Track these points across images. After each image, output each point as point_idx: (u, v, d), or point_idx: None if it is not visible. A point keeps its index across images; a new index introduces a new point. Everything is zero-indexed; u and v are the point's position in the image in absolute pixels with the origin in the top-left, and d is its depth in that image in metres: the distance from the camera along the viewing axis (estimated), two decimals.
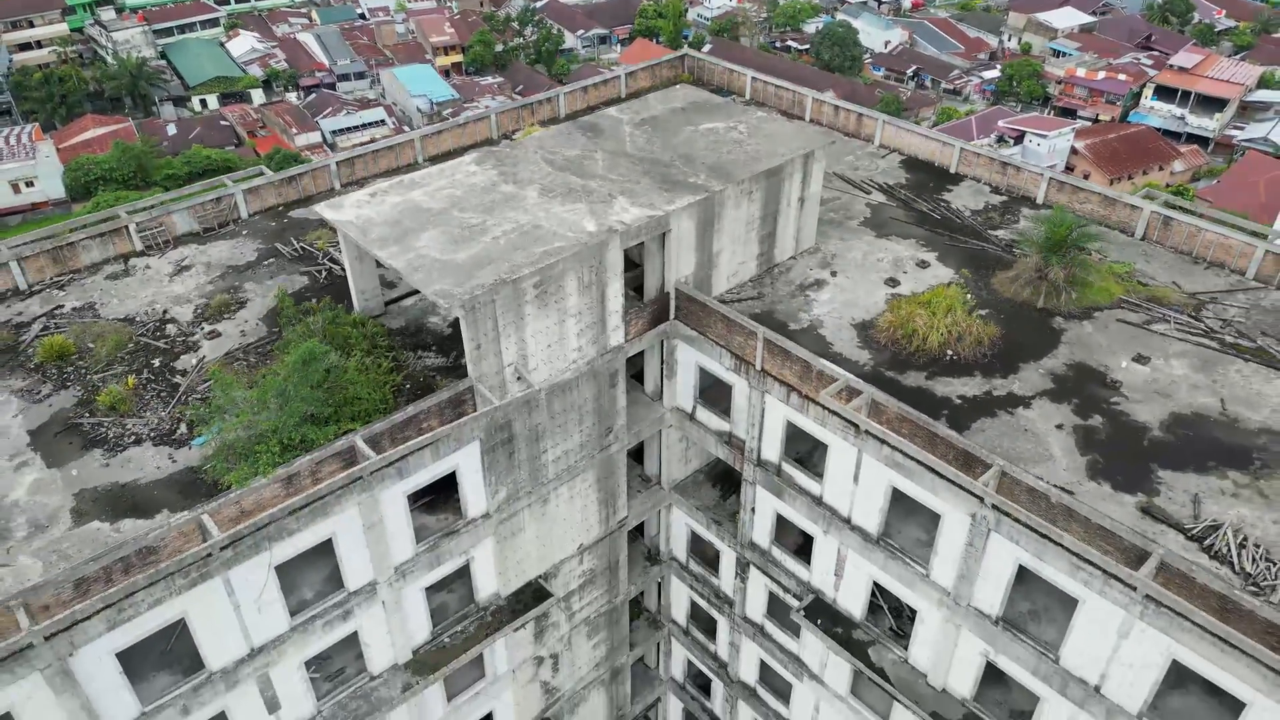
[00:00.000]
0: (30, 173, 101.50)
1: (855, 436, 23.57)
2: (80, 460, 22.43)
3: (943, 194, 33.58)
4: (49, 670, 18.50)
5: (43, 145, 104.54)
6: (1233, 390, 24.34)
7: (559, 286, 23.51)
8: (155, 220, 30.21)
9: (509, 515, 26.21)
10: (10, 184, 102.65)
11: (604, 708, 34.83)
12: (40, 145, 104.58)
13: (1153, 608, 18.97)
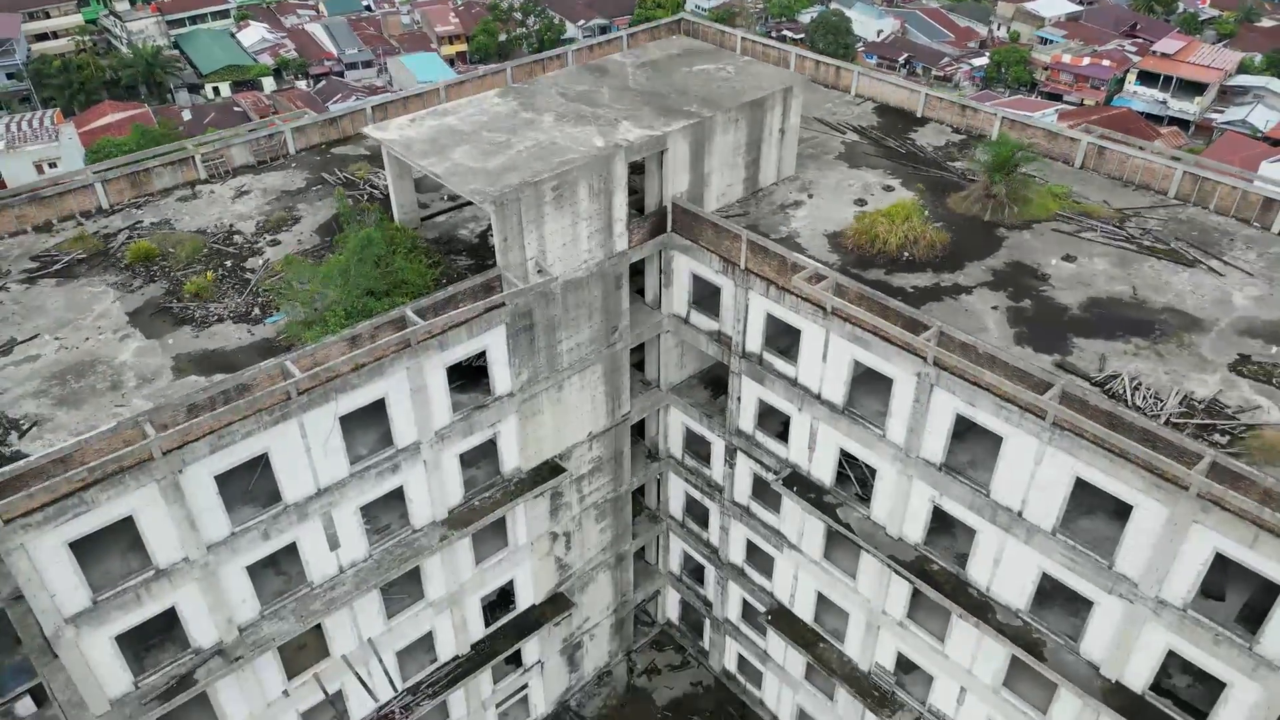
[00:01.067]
0: (54, 154, 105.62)
1: (823, 319, 27.94)
2: (173, 334, 26.79)
3: (909, 134, 37.97)
4: (164, 482, 22.83)
5: (65, 129, 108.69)
6: (1144, 280, 28.72)
7: (573, 191, 27.87)
8: (217, 152, 34.60)
9: (529, 396, 30.59)
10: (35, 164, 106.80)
11: (610, 590, 39.22)
12: (62, 129, 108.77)
13: (1059, 433, 23.32)
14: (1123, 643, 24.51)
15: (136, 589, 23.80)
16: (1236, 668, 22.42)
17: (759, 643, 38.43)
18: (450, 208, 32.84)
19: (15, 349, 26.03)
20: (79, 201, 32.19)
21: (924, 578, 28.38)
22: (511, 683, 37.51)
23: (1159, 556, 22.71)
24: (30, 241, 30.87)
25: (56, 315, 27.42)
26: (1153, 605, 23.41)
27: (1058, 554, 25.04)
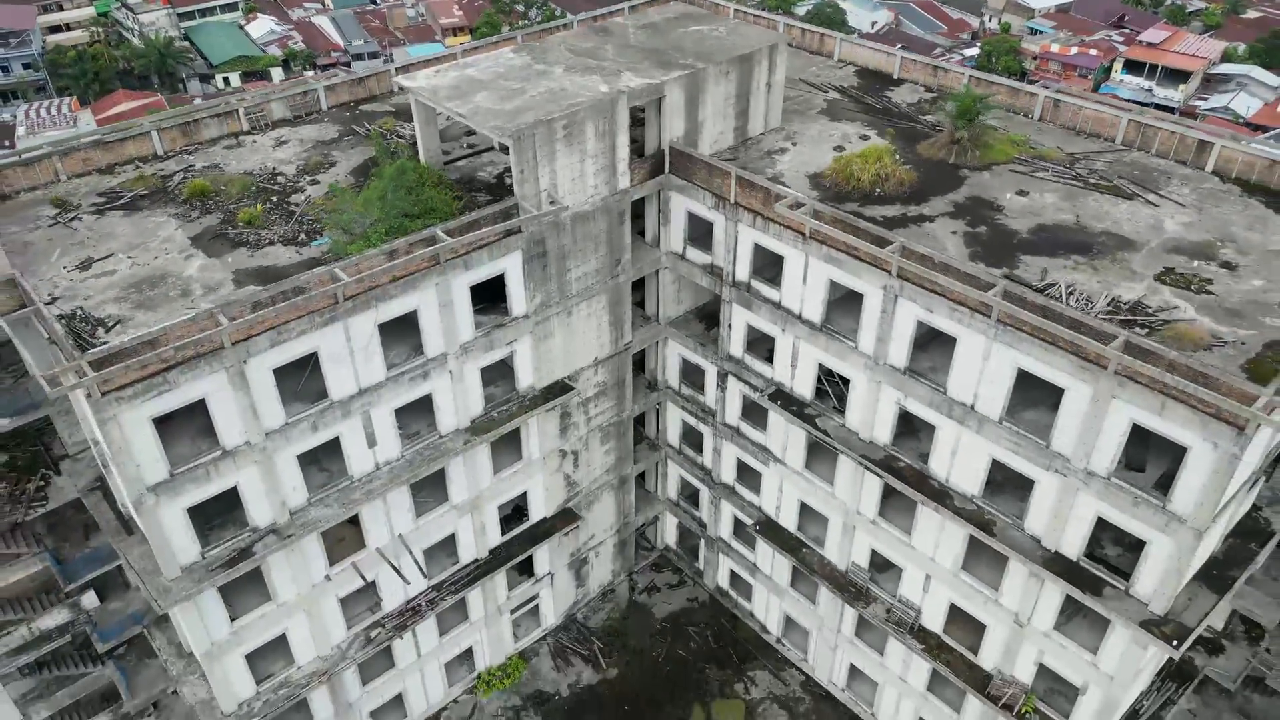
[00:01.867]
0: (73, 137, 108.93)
1: (802, 244, 31.65)
2: (231, 254, 30.48)
3: (886, 92, 41.69)
4: (231, 370, 26.53)
5: (82, 115, 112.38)
6: (1086, 210, 32.42)
7: (581, 131, 31.56)
8: (259, 107, 38.30)
9: (542, 320, 34.30)
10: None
11: (613, 511, 42.93)
12: (79, 115, 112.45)
13: (1002, 329, 27.02)
14: (1059, 514, 28.24)
15: (206, 466, 27.51)
16: (1153, 525, 26.14)
17: (749, 556, 42.16)
18: (469, 154, 36.54)
19: (93, 265, 29.70)
20: (137, 148, 35.88)
21: (893, 473, 32.09)
22: (524, 591, 41.24)
23: (1086, 432, 26.43)
24: (95, 181, 34.55)
25: (126, 239, 31.10)
26: (1082, 477, 27.13)
27: (1004, 440, 28.76)
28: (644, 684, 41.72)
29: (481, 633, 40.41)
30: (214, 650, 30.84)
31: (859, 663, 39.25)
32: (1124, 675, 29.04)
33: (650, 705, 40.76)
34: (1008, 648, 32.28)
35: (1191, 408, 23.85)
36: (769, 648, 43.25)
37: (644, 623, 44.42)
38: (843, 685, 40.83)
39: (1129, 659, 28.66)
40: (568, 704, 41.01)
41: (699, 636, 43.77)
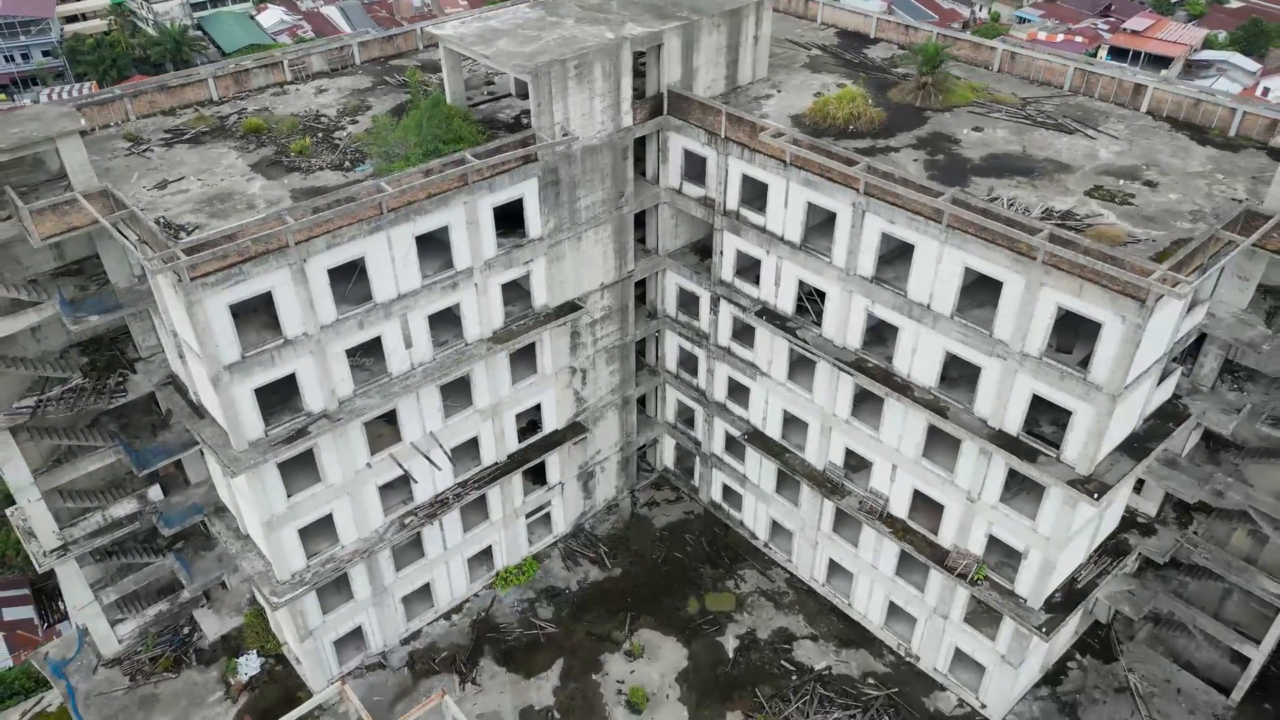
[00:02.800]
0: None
1: (783, 170, 36.29)
2: (286, 177, 35.08)
3: (863, 50, 46.35)
4: (293, 267, 31.17)
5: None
6: (1032, 142, 37.04)
7: (590, 71, 36.18)
8: (301, 59, 42.95)
9: (555, 243, 38.94)
10: None
11: (617, 429, 47.58)
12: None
13: (952, 233, 31.64)
14: (1001, 395, 32.88)
15: (271, 352, 32.15)
16: (1076, 395, 30.80)
17: (739, 468, 46.81)
18: (489, 99, 41.19)
19: (169, 186, 34.30)
20: (195, 93, 40.52)
21: (863, 373, 36.73)
22: (538, 498, 45.90)
23: (1021, 319, 31.07)
24: (160, 121, 39.16)
25: (194, 166, 35.70)
26: (1019, 359, 31.78)
27: (955, 333, 33.40)
28: (645, 581, 46.36)
29: (500, 533, 45.06)
30: (273, 521, 35.48)
31: (836, 557, 43.88)
32: (1058, 535, 33.69)
33: (650, 598, 45.39)
34: (962, 524, 36.93)
35: (1103, 287, 28.51)
36: (757, 551, 47.89)
37: (645, 531, 49.07)
38: (823, 580, 45.47)
39: (1062, 520, 33.31)
40: (577, 597, 45.67)
41: (694, 543, 48.41)
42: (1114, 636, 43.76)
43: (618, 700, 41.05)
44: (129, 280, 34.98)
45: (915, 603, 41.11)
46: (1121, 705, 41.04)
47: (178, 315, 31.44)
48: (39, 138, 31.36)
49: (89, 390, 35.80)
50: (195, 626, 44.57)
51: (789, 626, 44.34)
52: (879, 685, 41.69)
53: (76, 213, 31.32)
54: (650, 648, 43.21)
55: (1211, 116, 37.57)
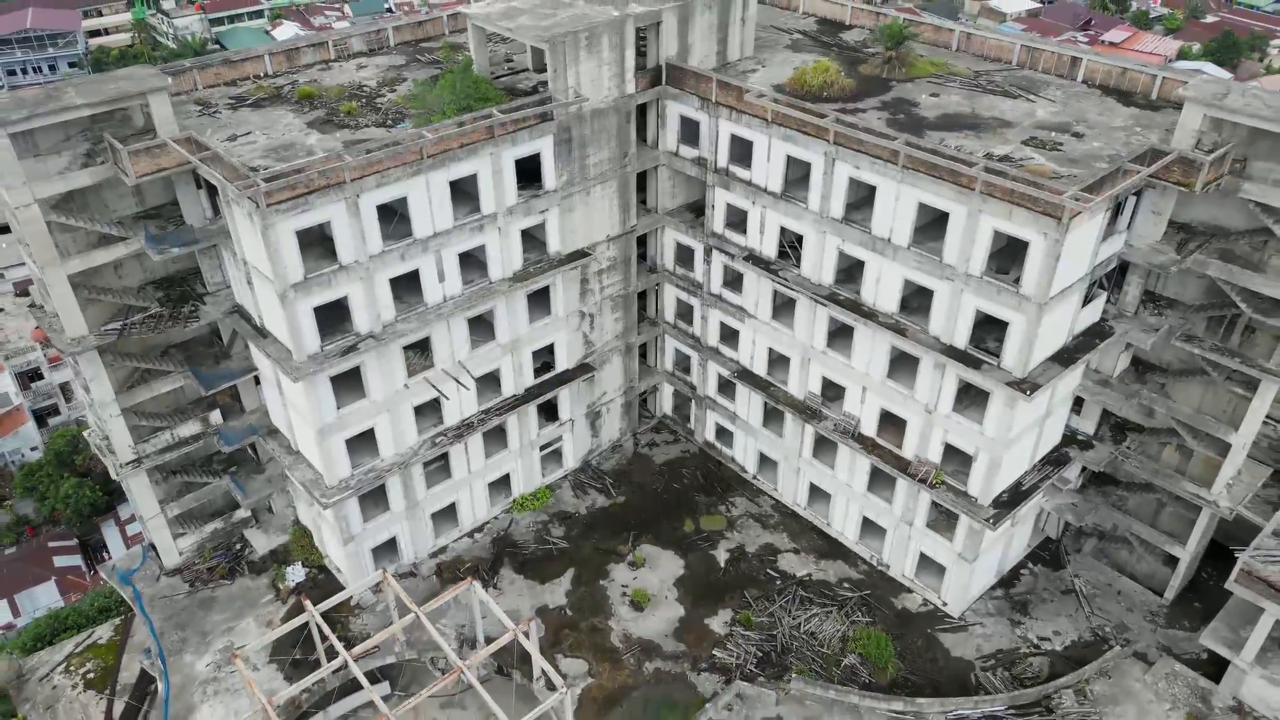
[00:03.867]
0: None
1: (765, 128, 42.09)
2: (338, 133, 40.83)
3: (839, 34, 52.34)
4: (348, 202, 36.86)
5: None
6: (980, 105, 42.85)
7: (598, 43, 42.05)
8: (342, 40, 48.90)
9: (567, 195, 44.69)
10: None
11: (621, 374, 53.14)
12: None
13: (906, 173, 37.36)
14: (951, 314, 38.51)
15: (328, 276, 37.79)
16: (1010, 307, 36.41)
17: (730, 407, 52.30)
18: (509, 73, 47.03)
19: (238, 139, 40.05)
20: (253, 68, 46.41)
21: (836, 304, 42.37)
22: (551, 432, 51.36)
23: (965, 244, 36.74)
24: (224, 90, 45.01)
25: (258, 124, 41.48)
26: (964, 280, 37.43)
27: (912, 262, 39.08)
28: (646, 507, 51.74)
29: (517, 461, 50.50)
30: (325, 429, 40.96)
31: (816, 480, 49.31)
32: (1001, 435, 39.19)
33: (651, 520, 50.76)
34: (922, 435, 42.43)
35: (1028, 209, 34.21)
36: (746, 483, 53.29)
37: (646, 467, 54.51)
38: (804, 504, 50.86)
39: (1003, 421, 38.81)
40: (585, 520, 51.03)
41: (690, 476, 53.85)
42: (1063, 549, 49.12)
43: (622, 600, 46.36)
44: (202, 221, 40.62)
45: (885, 514, 46.50)
46: (1068, 603, 46.35)
47: (251, 242, 37.11)
48: (134, 91, 37.23)
49: (166, 316, 41.41)
50: (246, 543, 49.89)
51: (774, 542, 49.70)
52: (853, 589, 47.02)
53: (166, 155, 37.08)
54: (651, 559, 48.54)
55: (1136, 83, 43.41)
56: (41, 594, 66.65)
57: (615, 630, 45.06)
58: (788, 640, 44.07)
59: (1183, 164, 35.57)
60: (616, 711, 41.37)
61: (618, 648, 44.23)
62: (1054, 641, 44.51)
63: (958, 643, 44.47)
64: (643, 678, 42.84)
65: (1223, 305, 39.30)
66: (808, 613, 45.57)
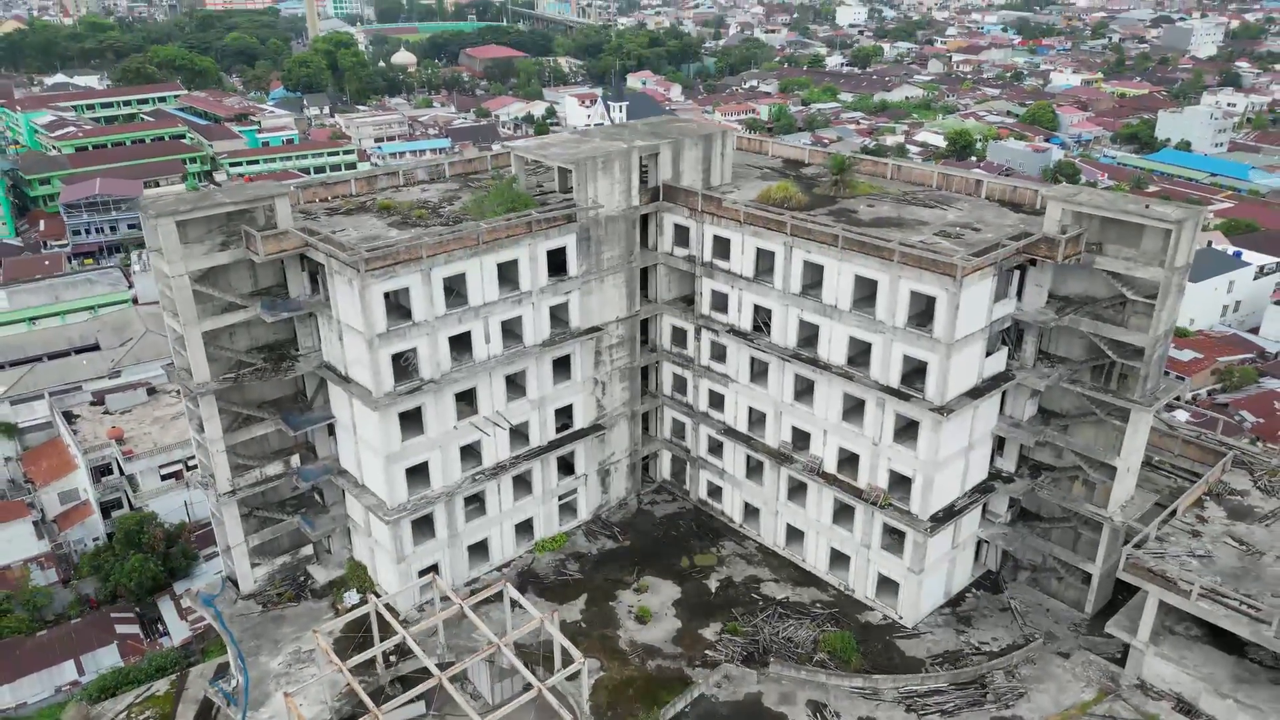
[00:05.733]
0: None
1: (739, 228, 54.70)
2: (412, 229, 53.26)
3: (799, 169, 66.19)
4: (423, 273, 48.79)
5: None
6: (906, 213, 55.60)
7: (611, 167, 55.30)
8: (410, 171, 62.52)
9: (586, 281, 56.81)
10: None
11: (627, 435, 63.59)
12: None
13: (845, 253, 49.50)
14: (885, 360, 49.65)
15: (404, 330, 49.21)
16: (927, 349, 47.58)
17: (719, 464, 62.42)
18: (540, 194, 60.24)
19: (337, 233, 52.43)
20: (342, 189, 59.63)
21: (799, 361, 53.58)
22: (567, 484, 61.25)
23: (891, 304, 48.37)
24: (321, 204, 57.97)
25: (349, 224, 54.01)
26: (893, 332, 48.82)
27: (854, 322, 50.61)
28: (648, 549, 60.88)
29: (539, 507, 60.13)
30: (391, 456, 51.17)
31: (791, 521, 58.79)
32: (930, 456, 49.39)
33: (652, 558, 59.78)
34: (871, 465, 52.57)
35: (933, 272, 46.05)
36: (734, 530, 62.61)
37: (648, 519, 63.95)
38: (783, 544, 60.08)
39: (931, 444, 49.14)
40: (596, 558, 60.08)
41: (686, 526, 63.23)
42: (1001, 578, 57.96)
43: (628, 616, 54.95)
44: (303, 295, 52.42)
45: (848, 543, 55.82)
46: (1004, 618, 54.87)
47: (347, 303, 48.77)
48: (265, 195, 50.00)
49: (269, 369, 52.51)
50: (309, 576, 58.78)
51: (757, 574, 58.63)
52: (824, 608, 55.65)
53: (287, 240, 49.40)
54: (652, 587, 57.36)
55: (1024, 197, 56.38)
56: (104, 655, 73.84)
57: (623, 638, 53.48)
58: (768, 643, 52.44)
59: (1047, 242, 47.83)
60: (625, 693, 49.37)
61: (625, 650, 52.56)
62: (992, 645, 52.84)
63: (911, 646, 52.80)
64: (646, 671, 51.00)
65: (1099, 357, 50.54)
66: (785, 624, 54.08)
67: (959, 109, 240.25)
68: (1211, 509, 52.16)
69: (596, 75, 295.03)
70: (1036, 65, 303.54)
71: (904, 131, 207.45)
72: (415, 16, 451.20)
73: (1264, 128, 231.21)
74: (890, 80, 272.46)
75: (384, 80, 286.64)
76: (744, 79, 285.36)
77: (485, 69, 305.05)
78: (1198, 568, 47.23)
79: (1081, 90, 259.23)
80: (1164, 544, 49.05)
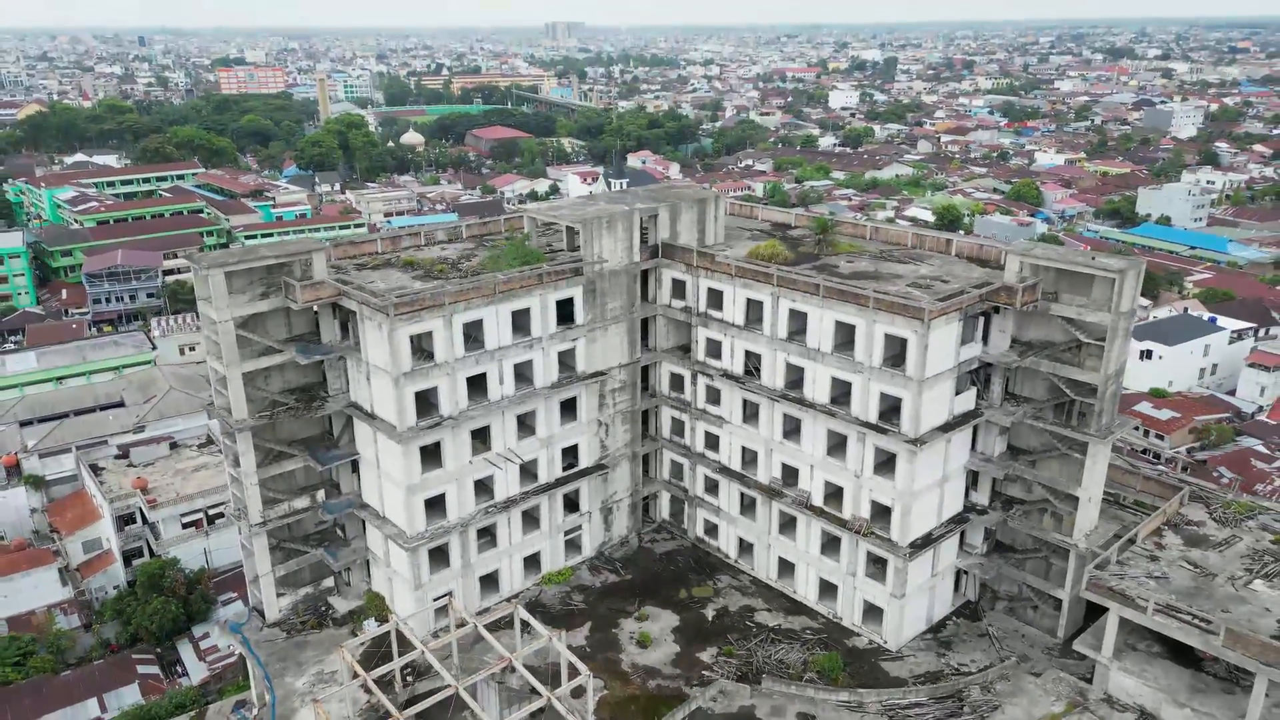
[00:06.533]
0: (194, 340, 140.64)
1: (731, 280, 60.22)
2: (434, 281, 58.71)
3: (786, 231, 72.13)
4: (445, 318, 54.06)
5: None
6: (883, 268, 61.18)
7: (614, 226, 61.09)
8: (430, 232, 68.37)
9: (590, 330, 62.06)
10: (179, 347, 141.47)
11: (628, 477, 68.01)
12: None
13: (826, 300, 54.86)
14: (864, 398, 54.56)
15: (427, 370, 54.25)
16: (901, 387, 52.54)
17: (714, 502, 66.72)
18: (550, 252, 65.97)
19: (369, 284, 57.85)
20: (369, 247, 65.34)
21: (787, 401, 58.47)
22: (572, 520, 65.45)
23: (867, 346, 53.52)
24: (350, 260, 63.55)
25: (378, 278, 59.47)
26: (870, 371, 53.84)
27: (835, 364, 55.68)
28: (648, 582, 64.75)
29: (546, 542, 64.23)
30: (412, 488, 55.63)
31: (783, 554, 62.85)
32: (905, 485, 53.88)
33: (653, 590, 63.62)
34: (854, 497, 56.99)
35: (903, 315, 51.31)
36: (729, 565, 66.55)
37: (648, 556, 67.94)
38: (775, 577, 63.99)
39: (906, 474, 53.69)
40: (600, 590, 63.92)
41: (684, 562, 67.17)
42: (980, 607, 61.76)
43: (630, 641, 58.64)
44: (334, 340, 57.58)
45: (835, 572, 59.83)
46: (982, 643, 58.56)
47: (376, 346, 53.88)
48: (303, 250, 55.60)
49: (302, 408, 57.36)
50: (329, 606, 62.57)
51: (751, 604, 62.44)
52: (814, 634, 59.35)
53: (323, 289, 54.81)
54: (652, 615, 61.11)
55: (990, 254, 62.01)
56: (126, 694, 76.88)
57: (625, 661, 57.12)
58: (761, 665, 56.08)
59: (1006, 290, 53.25)
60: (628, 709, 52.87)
61: (627, 671, 56.17)
62: (970, 666, 56.46)
63: (894, 667, 56.42)
64: (646, 690, 54.56)
65: (1059, 396, 55.47)
66: (777, 648, 57.76)
67: (947, 186, 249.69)
68: (1169, 537, 56.43)
69: (598, 154, 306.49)
70: (1022, 145, 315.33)
71: (894, 206, 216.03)
72: (423, 100, 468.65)
73: (1242, 203, 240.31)
74: (881, 159, 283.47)
75: (393, 159, 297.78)
76: (740, 158, 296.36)
77: (491, 148, 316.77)
78: (1155, 587, 51.33)
79: (1065, 169, 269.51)
80: (1124, 567, 53.23)
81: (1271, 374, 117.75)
